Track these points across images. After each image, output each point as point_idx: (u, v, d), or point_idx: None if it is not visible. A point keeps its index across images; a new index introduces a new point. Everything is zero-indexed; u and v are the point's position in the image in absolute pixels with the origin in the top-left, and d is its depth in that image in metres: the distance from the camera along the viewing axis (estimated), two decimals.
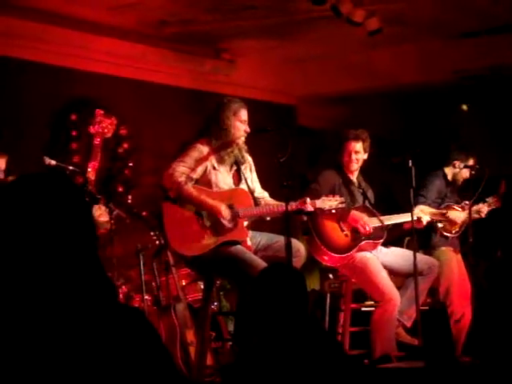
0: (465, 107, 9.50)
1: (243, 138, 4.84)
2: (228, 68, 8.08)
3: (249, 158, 4.95)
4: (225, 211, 4.66)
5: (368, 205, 5.51)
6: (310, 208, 4.82)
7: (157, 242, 5.78)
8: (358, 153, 5.49)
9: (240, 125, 4.80)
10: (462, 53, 7.89)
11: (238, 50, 7.91)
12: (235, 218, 4.70)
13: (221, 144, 4.78)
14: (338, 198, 5.00)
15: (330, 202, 4.94)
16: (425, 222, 5.57)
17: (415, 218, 5.36)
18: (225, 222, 4.67)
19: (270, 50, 7.78)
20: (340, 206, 4.98)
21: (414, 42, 7.62)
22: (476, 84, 8.74)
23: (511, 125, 8.84)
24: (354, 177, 5.58)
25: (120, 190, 7.09)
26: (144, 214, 6.15)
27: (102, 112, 5.21)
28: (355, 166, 5.53)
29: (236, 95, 5.34)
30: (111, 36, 7.05)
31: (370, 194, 5.64)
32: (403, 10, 6.77)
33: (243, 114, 4.84)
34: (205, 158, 4.74)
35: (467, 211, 5.82)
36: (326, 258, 5.31)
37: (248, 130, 4.83)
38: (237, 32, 7.34)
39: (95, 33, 6.91)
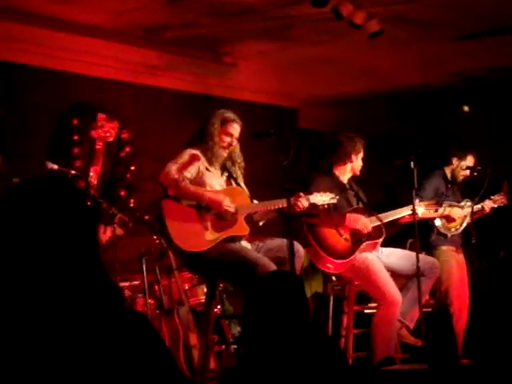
0: (466, 108, 9.50)
1: (226, 151, 4.84)
2: (230, 71, 8.09)
3: (236, 169, 4.95)
4: (227, 201, 4.67)
5: (362, 205, 5.52)
6: (305, 204, 4.83)
7: (160, 246, 5.79)
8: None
9: (224, 138, 4.81)
10: (463, 54, 7.88)
11: (239, 54, 7.91)
12: (234, 214, 4.72)
13: (207, 151, 4.79)
14: (329, 193, 5.06)
15: (322, 198, 5.01)
16: (420, 214, 5.51)
17: (409, 212, 5.37)
18: (229, 210, 4.67)
19: (271, 52, 7.77)
20: (332, 201, 5.07)
21: (414, 44, 7.61)
22: (477, 85, 8.74)
23: None
24: (345, 180, 5.60)
25: (122, 194, 7.08)
26: (147, 217, 6.16)
27: (103, 116, 5.21)
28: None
29: (238, 98, 5.33)
30: (113, 40, 7.06)
31: (361, 194, 5.66)
32: (404, 12, 6.77)
33: (231, 128, 4.83)
34: (197, 159, 4.75)
35: (467, 208, 5.82)
36: (330, 265, 5.29)
37: (233, 143, 4.83)
38: (238, 35, 7.34)
39: (97, 37, 6.92)
